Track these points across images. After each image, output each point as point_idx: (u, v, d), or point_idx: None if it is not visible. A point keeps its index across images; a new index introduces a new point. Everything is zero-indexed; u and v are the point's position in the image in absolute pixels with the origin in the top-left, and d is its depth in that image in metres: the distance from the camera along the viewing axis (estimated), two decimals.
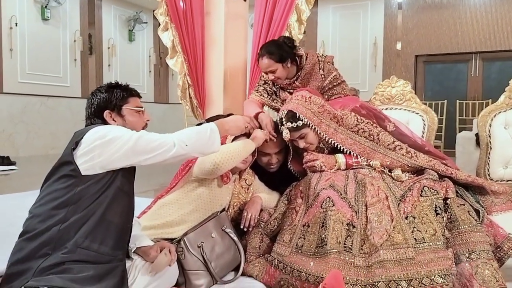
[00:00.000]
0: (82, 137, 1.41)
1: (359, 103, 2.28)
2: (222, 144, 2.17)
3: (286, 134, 2.19)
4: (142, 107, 1.64)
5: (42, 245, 1.35)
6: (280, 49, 2.48)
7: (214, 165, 1.99)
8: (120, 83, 1.64)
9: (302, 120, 2.15)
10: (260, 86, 2.66)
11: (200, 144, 1.58)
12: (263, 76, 2.67)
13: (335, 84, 2.55)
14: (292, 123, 2.16)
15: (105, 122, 1.54)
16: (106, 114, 1.55)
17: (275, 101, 2.64)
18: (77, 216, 1.38)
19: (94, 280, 1.36)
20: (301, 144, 2.21)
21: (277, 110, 2.64)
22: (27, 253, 1.35)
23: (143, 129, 1.62)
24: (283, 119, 2.19)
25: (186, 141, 1.52)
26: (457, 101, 7.64)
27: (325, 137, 2.18)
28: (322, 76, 2.55)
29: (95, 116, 1.55)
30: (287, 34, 2.90)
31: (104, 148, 1.38)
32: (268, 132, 2.23)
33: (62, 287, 1.29)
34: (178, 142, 1.50)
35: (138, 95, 1.65)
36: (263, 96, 2.64)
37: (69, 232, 1.36)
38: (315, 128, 2.16)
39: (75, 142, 1.41)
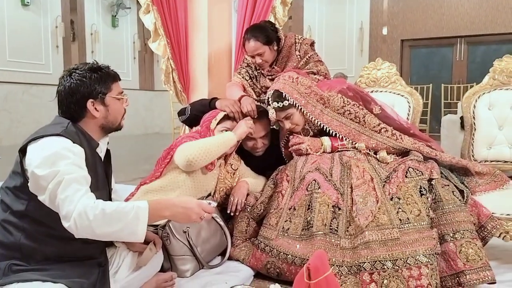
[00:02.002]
0: (26, 147, 1.30)
1: (346, 85, 2.27)
2: (207, 127, 2.15)
3: (272, 114, 2.19)
4: (122, 92, 1.52)
5: (8, 249, 1.31)
6: (266, 32, 2.47)
7: (187, 161, 1.95)
8: (101, 65, 1.47)
9: (288, 100, 2.14)
10: (243, 68, 2.64)
11: (112, 227, 1.22)
12: (246, 58, 2.64)
13: (309, 62, 2.52)
14: (278, 103, 2.15)
15: (84, 112, 1.42)
16: (89, 104, 1.41)
17: (253, 87, 2.62)
18: (37, 228, 1.32)
19: (69, 276, 1.33)
20: (287, 124, 2.20)
21: (255, 96, 2.61)
22: None
23: (124, 117, 1.52)
24: (270, 99, 2.17)
25: (91, 216, 1.19)
26: (442, 85, 7.69)
27: (311, 117, 2.17)
28: (298, 57, 2.54)
29: (77, 106, 1.41)
30: (271, 17, 2.86)
31: (33, 181, 1.26)
32: (251, 125, 2.19)
33: (35, 279, 1.26)
34: (79, 214, 1.19)
35: (119, 78, 1.52)
36: (245, 78, 2.62)
37: (33, 243, 1.31)
38: (301, 109, 2.15)
39: (20, 151, 1.30)
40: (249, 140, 2.32)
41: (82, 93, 1.40)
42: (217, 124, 2.18)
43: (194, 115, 2.36)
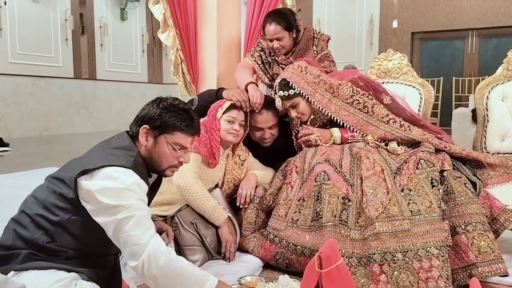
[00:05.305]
0: (93, 170, 1.26)
1: (358, 74, 2.25)
2: (213, 116, 2.14)
3: (278, 103, 2.20)
4: (186, 148, 1.42)
5: (28, 244, 1.30)
6: (288, 17, 2.47)
7: (177, 186, 1.96)
8: (190, 110, 1.44)
9: (294, 89, 2.13)
10: (256, 52, 2.63)
11: (177, 276, 1.21)
12: (260, 42, 2.63)
13: (324, 60, 2.52)
14: (284, 92, 2.15)
15: (137, 133, 1.40)
16: (143, 128, 1.38)
17: (264, 71, 2.62)
18: (65, 240, 1.31)
19: (83, 265, 1.33)
20: (293, 113, 2.20)
21: (265, 82, 2.63)
22: (14, 243, 1.30)
23: (172, 169, 1.45)
24: (276, 87, 2.18)
25: (162, 261, 1.19)
26: (453, 78, 7.60)
27: (319, 106, 2.15)
28: (315, 52, 2.55)
29: (136, 124, 1.41)
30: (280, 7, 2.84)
31: (96, 206, 1.24)
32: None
33: (50, 267, 1.27)
34: (152, 253, 1.19)
35: (193, 134, 1.44)
36: (257, 62, 2.62)
37: (55, 249, 1.31)
38: (308, 98, 2.14)
39: (82, 171, 1.26)
40: (257, 130, 2.31)
41: (144, 116, 1.40)
42: (223, 113, 2.17)
43: (202, 106, 2.35)
